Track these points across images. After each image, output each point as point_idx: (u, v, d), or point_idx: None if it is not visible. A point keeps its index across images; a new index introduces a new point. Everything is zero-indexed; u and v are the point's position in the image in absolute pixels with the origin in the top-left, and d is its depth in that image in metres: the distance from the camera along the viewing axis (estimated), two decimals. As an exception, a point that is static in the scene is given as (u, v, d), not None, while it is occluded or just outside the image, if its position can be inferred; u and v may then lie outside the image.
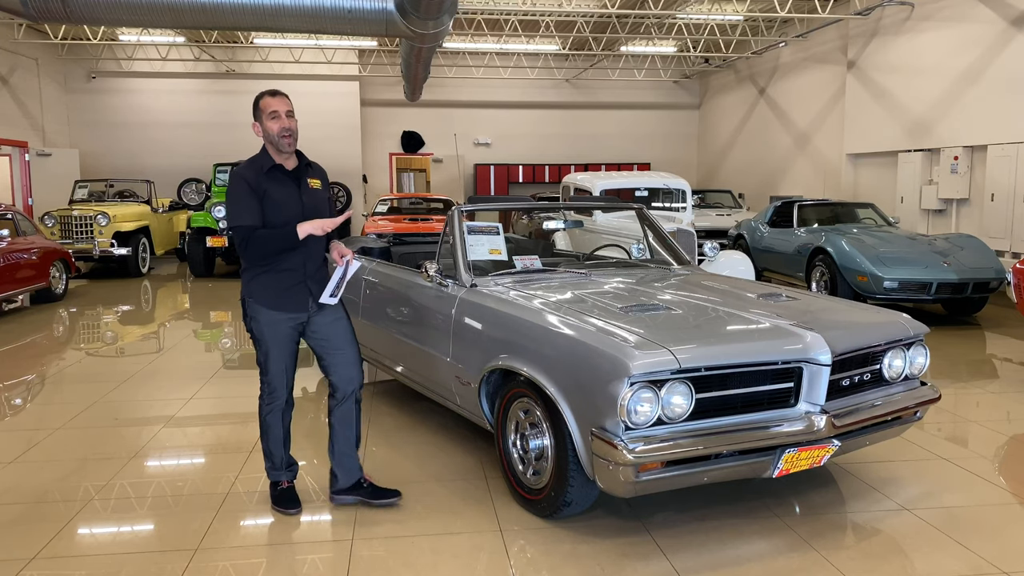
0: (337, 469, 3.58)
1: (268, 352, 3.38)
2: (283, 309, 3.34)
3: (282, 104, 3.28)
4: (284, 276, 3.32)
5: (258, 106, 3.30)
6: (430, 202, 13.15)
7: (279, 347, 3.38)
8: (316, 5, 8.37)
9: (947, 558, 3.09)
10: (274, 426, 3.50)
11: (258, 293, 3.33)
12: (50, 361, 6.61)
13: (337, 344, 3.45)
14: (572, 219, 7.89)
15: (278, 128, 3.25)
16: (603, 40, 17.29)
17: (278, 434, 3.51)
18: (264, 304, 3.33)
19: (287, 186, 3.33)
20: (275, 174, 3.32)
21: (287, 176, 3.35)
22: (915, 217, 12.34)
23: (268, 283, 3.32)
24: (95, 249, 11.77)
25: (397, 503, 3.55)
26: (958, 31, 11.39)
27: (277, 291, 3.32)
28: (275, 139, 3.27)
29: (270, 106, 3.27)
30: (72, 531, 3.35)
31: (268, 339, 3.36)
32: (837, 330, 3.31)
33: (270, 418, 3.49)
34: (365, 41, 17.40)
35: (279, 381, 3.42)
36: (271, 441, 3.52)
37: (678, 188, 10.02)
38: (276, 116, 3.26)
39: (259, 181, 3.27)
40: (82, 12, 8.13)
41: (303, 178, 3.39)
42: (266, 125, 3.27)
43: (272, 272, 3.32)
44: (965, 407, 5.23)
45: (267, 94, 3.33)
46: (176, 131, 18.69)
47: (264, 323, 3.34)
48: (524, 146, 20.78)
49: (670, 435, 2.91)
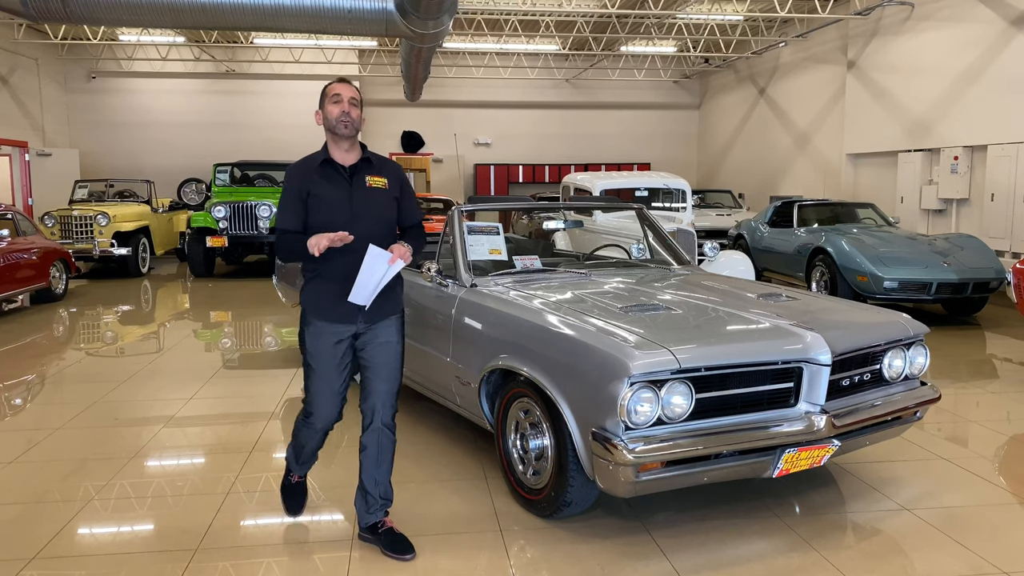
0: (359, 504, 3.22)
1: (311, 367, 3.09)
2: (328, 319, 3.05)
3: (347, 90, 3.04)
4: (332, 282, 3.03)
5: (324, 93, 3.07)
6: (430, 202, 13.15)
7: (323, 363, 3.07)
8: (316, 5, 8.37)
9: (947, 558, 3.09)
10: (308, 443, 3.25)
11: (308, 301, 3.10)
12: (50, 361, 6.61)
13: (375, 371, 3.10)
14: (572, 219, 7.89)
15: (337, 111, 3.00)
16: (603, 40, 17.29)
17: (305, 446, 3.27)
18: (312, 312, 3.08)
19: (338, 185, 3.04)
20: (327, 170, 3.05)
21: (339, 173, 3.05)
22: (915, 217, 12.34)
23: (317, 290, 3.07)
24: (95, 249, 11.76)
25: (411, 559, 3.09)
26: (958, 31, 11.39)
27: (324, 298, 3.06)
28: (333, 123, 3.01)
29: (334, 89, 3.04)
30: (72, 531, 3.34)
31: (312, 352, 3.08)
32: (837, 330, 3.31)
33: (304, 435, 3.23)
34: (365, 41, 17.41)
35: (320, 403, 3.10)
36: (295, 448, 3.32)
37: (678, 188, 10.02)
38: (338, 100, 3.01)
39: (307, 178, 3.03)
40: (82, 12, 8.14)
41: (360, 175, 3.07)
42: (327, 109, 3.02)
43: (320, 278, 3.06)
44: (965, 407, 5.23)
45: (336, 81, 3.11)
46: (176, 131, 18.70)
47: (311, 334, 3.08)
48: (524, 146, 20.78)
49: (670, 435, 2.91)
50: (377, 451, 3.14)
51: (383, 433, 3.14)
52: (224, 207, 11.86)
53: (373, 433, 3.13)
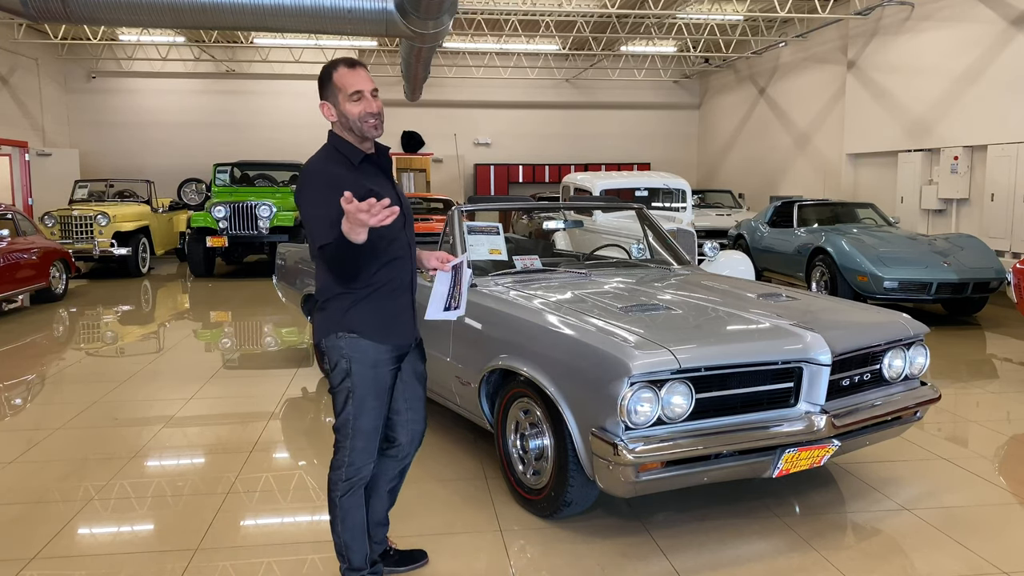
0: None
1: (366, 405, 2.54)
2: (391, 340, 2.57)
3: (366, 82, 2.47)
4: (392, 296, 2.57)
5: (331, 81, 2.48)
6: (430, 202, 13.14)
7: (380, 396, 2.57)
8: (316, 5, 8.37)
9: (947, 558, 3.09)
10: (353, 510, 2.60)
11: (363, 324, 2.51)
12: (50, 361, 6.61)
13: (414, 399, 2.76)
14: (572, 219, 7.89)
15: (362, 111, 2.45)
16: (603, 40, 17.29)
17: (358, 521, 2.62)
18: (372, 337, 2.53)
19: (385, 184, 2.58)
20: (367, 168, 2.54)
21: (379, 169, 2.59)
22: (915, 217, 12.34)
23: (375, 308, 2.53)
24: (95, 249, 11.76)
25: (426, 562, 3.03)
26: (958, 31, 11.39)
27: (386, 318, 2.55)
28: (358, 125, 2.46)
29: (350, 84, 2.45)
30: (72, 531, 3.34)
31: (369, 386, 2.54)
32: (837, 330, 3.31)
33: (348, 500, 2.59)
34: (365, 41, 17.41)
35: (369, 445, 2.57)
36: (347, 531, 2.61)
37: (678, 188, 10.03)
38: (359, 97, 2.45)
39: (350, 179, 2.44)
40: (82, 12, 8.14)
41: (389, 168, 2.66)
42: (345, 108, 2.46)
43: (378, 293, 2.53)
44: (965, 407, 5.23)
45: (343, 64, 2.49)
46: (176, 131, 18.71)
47: (366, 363, 2.52)
48: (524, 146, 20.78)
49: (670, 435, 2.91)
50: (402, 478, 2.86)
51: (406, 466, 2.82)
52: (224, 207, 11.86)
53: (407, 460, 2.80)
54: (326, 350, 2.57)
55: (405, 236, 2.61)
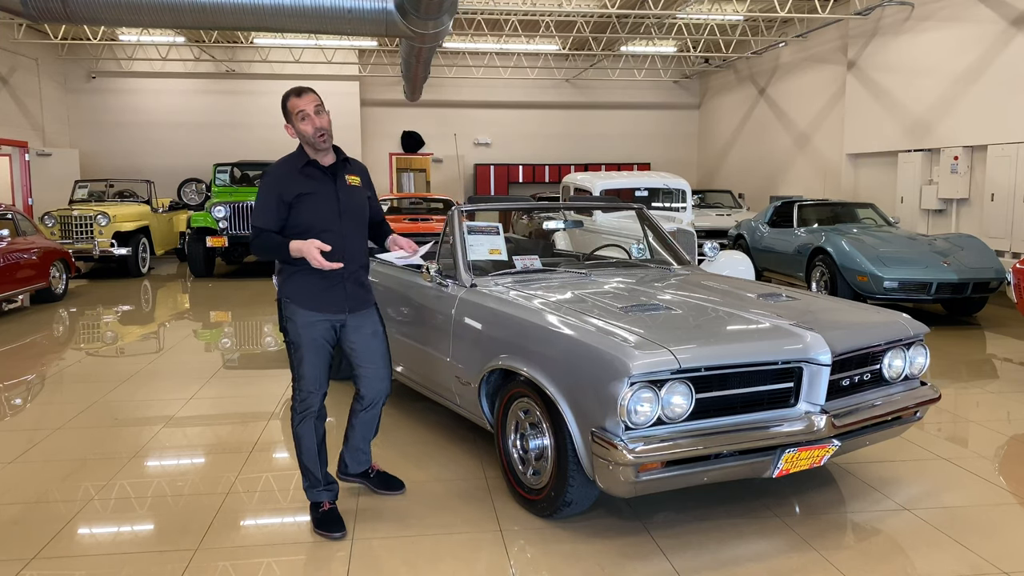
0: (348, 457, 3.64)
1: (303, 356, 3.28)
2: (320, 310, 3.26)
3: (309, 102, 3.17)
4: (320, 276, 3.23)
5: (286, 108, 3.20)
6: (430, 202, 13.14)
7: (314, 350, 3.28)
8: (316, 5, 8.37)
9: (947, 558, 3.09)
10: (306, 437, 3.35)
11: (295, 293, 3.26)
12: (50, 361, 6.61)
13: (370, 358, 3.41)
14: (572, 219, 7.89)
15: (311, 129, 3.17)
16: (603, 40, 17.29)
17: (311, 446, 3.36)
18: (301, 304, 3.25)
19: (324, 184, 3.25)
20: (310, 171, 3.24)
21: (323, 173, 3.26)
22: (915, 217, 12.34)
23: (304, 283, 3.25)
24: (95, 249, 11.76)
25: (401, 494, 3.65)
26: (958, 31, 11.39)
27: (313, 291, 3.25)
28: (311, 139, 3.18)
29: (297, 107, 3.17)
30: (72, 531, 3.34)
31: (304, 342, 3.27)
32: (837, 330, 3.31)
33: (302, 428, 3.35)
34: (365, 41, 17.40)
35: (313, 386, 3.31)
36: (305, 455, 3.37)
37: (678, 188, 10.03)
38: (305, 116, 3.16)
39: (291, 180, 3.20)
40: (82, 12, 8.14)
41: (340, 175, 3.30)
42: (299, 128, 3.19)
43: (305, 272, 3.22)
44: (965, 407, 5.23)
45: (292, 94, 3.21)
46: (176, 131, 18.70)
47: (300, 324, 3.25)
48: (524, 146, 20.78)
49: (670, 435, 2.91)
50: (373, 423, 3.57)
51: (380, 409, 3.55)
52: (224, 207, 11.86)
53: (373, 410, 3.51)
54: (282, 309, 3.35)
55: (340, 227, 3.25)
